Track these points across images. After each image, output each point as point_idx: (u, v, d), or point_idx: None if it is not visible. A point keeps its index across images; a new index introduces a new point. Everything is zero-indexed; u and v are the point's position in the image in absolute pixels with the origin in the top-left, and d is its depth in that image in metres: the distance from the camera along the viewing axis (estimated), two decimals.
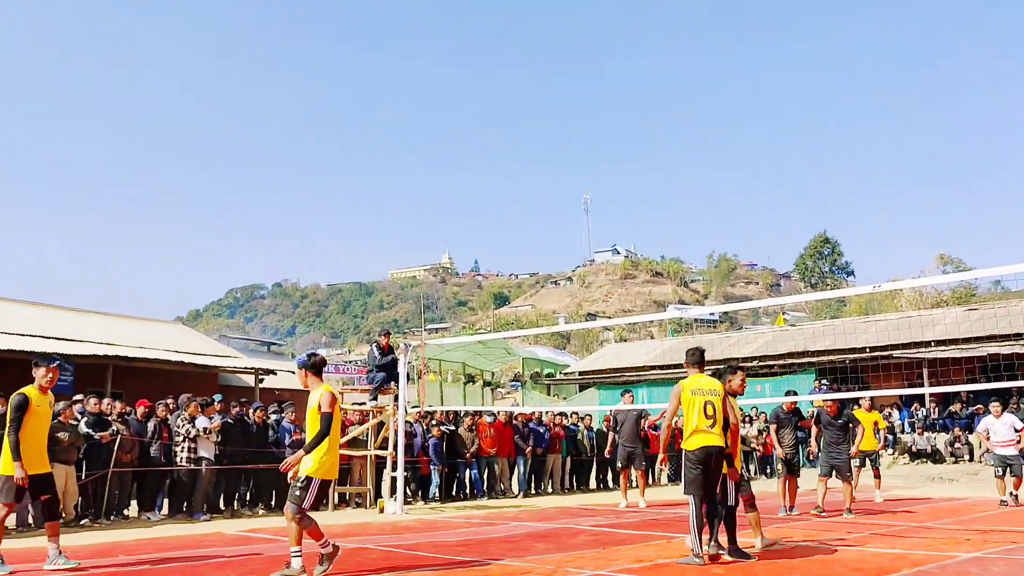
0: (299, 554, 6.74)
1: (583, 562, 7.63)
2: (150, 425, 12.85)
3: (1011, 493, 13.12)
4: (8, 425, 7.38)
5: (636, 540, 9.12)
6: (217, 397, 14.08)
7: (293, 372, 27.50)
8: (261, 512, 13.68)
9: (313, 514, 6.98)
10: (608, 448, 15.79)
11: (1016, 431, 13.32)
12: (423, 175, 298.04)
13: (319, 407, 6.84)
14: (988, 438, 13.80)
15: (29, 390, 7.59)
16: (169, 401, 13.43)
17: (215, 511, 13.10)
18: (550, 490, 18.13)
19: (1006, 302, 31.54)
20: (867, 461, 14.79)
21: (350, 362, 63.96)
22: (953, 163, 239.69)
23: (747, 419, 22.89)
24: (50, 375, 7.74)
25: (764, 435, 22.14)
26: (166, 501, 13.02)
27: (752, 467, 22.92)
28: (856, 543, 8.91)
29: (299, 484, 6.80)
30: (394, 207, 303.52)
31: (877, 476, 14.93)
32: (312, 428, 6.88)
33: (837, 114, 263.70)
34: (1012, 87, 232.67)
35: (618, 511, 13.30)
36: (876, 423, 14.67)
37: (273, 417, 14.65)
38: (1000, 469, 13.42)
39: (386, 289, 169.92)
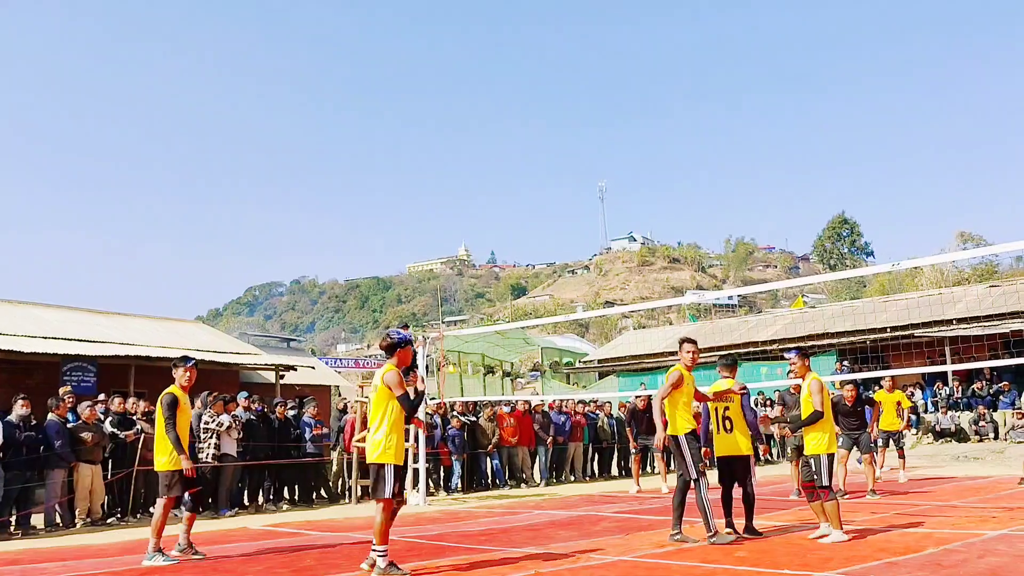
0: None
1: (606, 548, 7.65)
2: None
3: None
4: (164, 423, 7.78)
5: (658, 526, 9.12)
6: (243, 394, 14.20)
7: (313, 368, 27.71)
8: (285, 507, 13.78)
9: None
10: (632, 443, 15.59)
11: None
12: (438, 168, 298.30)
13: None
14: None
15: (175, 389, 7.94)
16: (196, 401, 13.52)
17: (240, 507, 13.20)
18: (572, 478, 18.14)
19: None
20: (891, 441, 14.64)
21: (370, 356, 64.22)
22: (972, 141, 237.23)
23: (768, 403, 22.81)
24: (188, 374, 8.04)
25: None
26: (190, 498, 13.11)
27: (775, 451, 22.86)
28: (881, 523, 8.89)
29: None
30: (410, 201, 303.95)
31: (901, 456, 14.79)
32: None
33: (854, 94, 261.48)
34: None
35: (639, 497, 13.31)
36: (899, 403, 14.48)
37: (292, 412, 14.73)
38: None
39: (403, 283, 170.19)
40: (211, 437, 12.67)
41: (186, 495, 7.90)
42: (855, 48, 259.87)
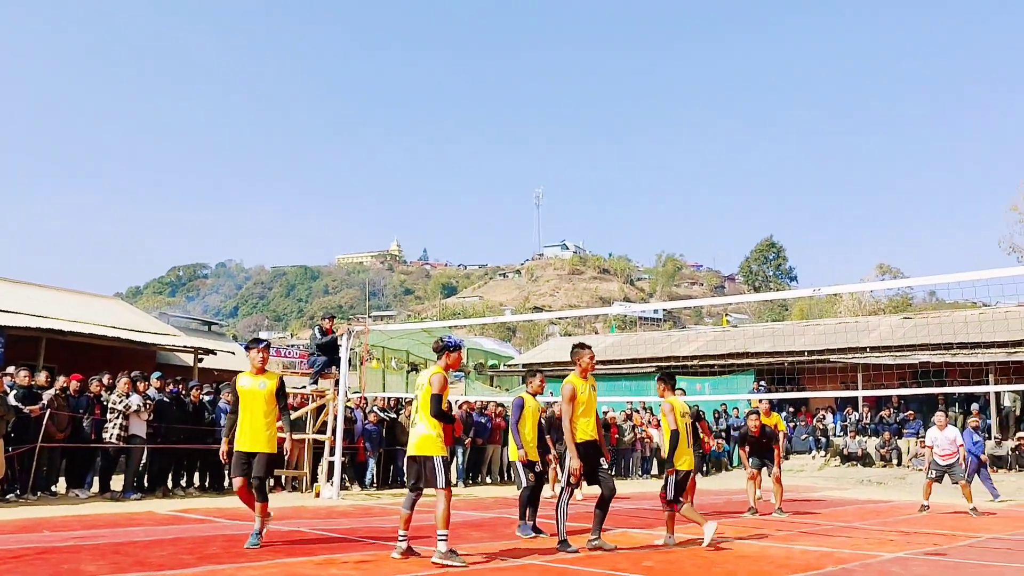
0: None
1: (518, 551, 7.70)
2: (82, 400, 12.55)
3: (972, 508, 13.03)
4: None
5: (571, 532, 9.17)
6: (156, 375, 13.82)
7: (233, 353, 27.15)
8: (195, 492, 13.48)
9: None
10: (552, 449, 15.43)
11: (958, 445, 13.62)
12: (374, 161, 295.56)
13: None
14: (932, 450, 13.82)
15: (240, 374, 8.00)
16: (106, 377, 13.14)
17: (147, 490, 12.87)
18: (489, 480, 18.18)
19: (939, 312, 32.40)
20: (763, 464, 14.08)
21: (292, 346, 63.28)
22: (898, 179, 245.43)
23: None
24: (260, 355, 7.96)
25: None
26: (96, 479, 12.74)
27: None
28: (784, 540, 9.12)
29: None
30: (344, 191, 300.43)
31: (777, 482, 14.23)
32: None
33: (789, 124, 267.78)
34: (959, 106, 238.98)
35: (551, 501, 13.37)
36: (776, 426, 14.08)
37: (207, 397, 14.42)
38: (935, 473, 13.65)
39: (332, 274, 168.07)
40: (117, 418, 12.31)
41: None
42: (792, 81, 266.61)
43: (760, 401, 13.22)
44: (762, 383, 25.94)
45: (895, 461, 22.56)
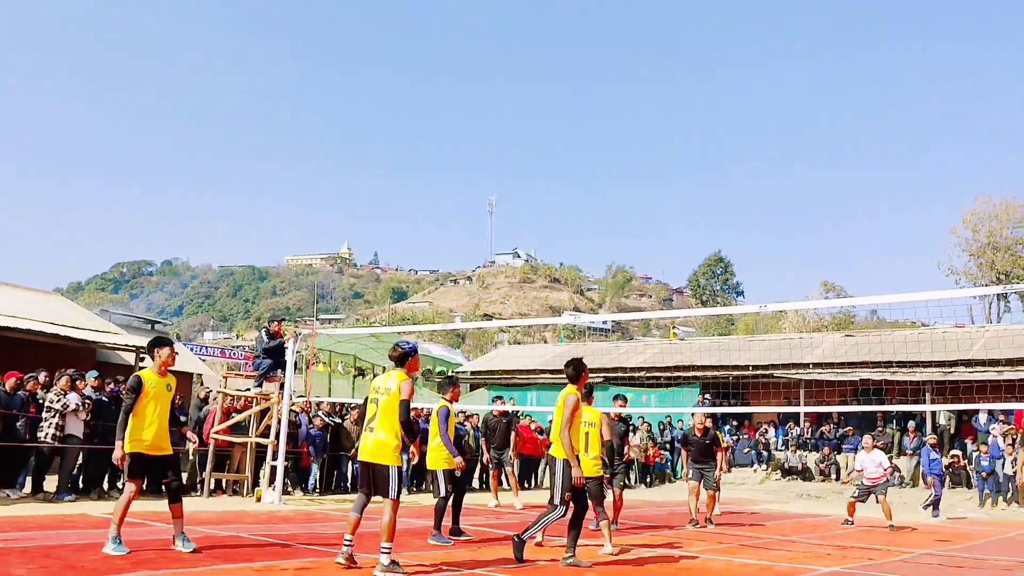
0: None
1: (458, 560, 7.68)
2: (16, 399, 12.21)
3: (890, 525, 13.38)
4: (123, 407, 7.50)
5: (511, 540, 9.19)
6: (92, 373, 13.50)
7: (176, 353, 26.68)
8: None
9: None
10: (486, 457, 16.23)
11: (884, 469, 13.95)
12: (327, 162, 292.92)
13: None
14: (861, 472, 14.18)
15: (144, 372, 7.61)
16: (43, 375, 12.80)
17: (82, 492, 12.56)
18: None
19: (880, 331, 33.14)
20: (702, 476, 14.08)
21: (237, 347, 62.41)
22: (842, 200, 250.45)
23: (632, 428, 23.36)
24: (172, 355, 7.81)
25: (647, 445, 22.85)
26: (29, 479, 12.40)
27: (633, 476, 23.45)
28: (724, 553, 9.23)
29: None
30: (295, 192, 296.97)
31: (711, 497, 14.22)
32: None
33: (739, 143, 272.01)
34: (904, 130, 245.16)
35: (498, 512, 13.40)
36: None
37: None
38: (858, 492, 13.99)
39: (280, 275, 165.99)
40: (54, 417, 12.00)
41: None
42: (742, 101, 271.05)
43: (705, 417, 13.37)
44: (707, 396, 26.26)
45: (834, 476, 22.99)
